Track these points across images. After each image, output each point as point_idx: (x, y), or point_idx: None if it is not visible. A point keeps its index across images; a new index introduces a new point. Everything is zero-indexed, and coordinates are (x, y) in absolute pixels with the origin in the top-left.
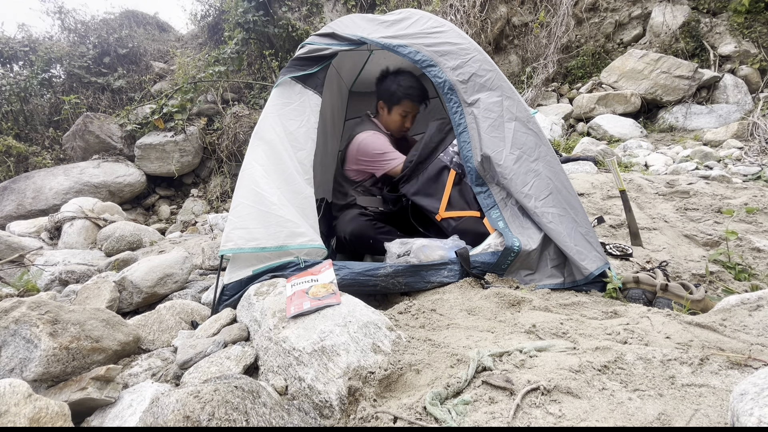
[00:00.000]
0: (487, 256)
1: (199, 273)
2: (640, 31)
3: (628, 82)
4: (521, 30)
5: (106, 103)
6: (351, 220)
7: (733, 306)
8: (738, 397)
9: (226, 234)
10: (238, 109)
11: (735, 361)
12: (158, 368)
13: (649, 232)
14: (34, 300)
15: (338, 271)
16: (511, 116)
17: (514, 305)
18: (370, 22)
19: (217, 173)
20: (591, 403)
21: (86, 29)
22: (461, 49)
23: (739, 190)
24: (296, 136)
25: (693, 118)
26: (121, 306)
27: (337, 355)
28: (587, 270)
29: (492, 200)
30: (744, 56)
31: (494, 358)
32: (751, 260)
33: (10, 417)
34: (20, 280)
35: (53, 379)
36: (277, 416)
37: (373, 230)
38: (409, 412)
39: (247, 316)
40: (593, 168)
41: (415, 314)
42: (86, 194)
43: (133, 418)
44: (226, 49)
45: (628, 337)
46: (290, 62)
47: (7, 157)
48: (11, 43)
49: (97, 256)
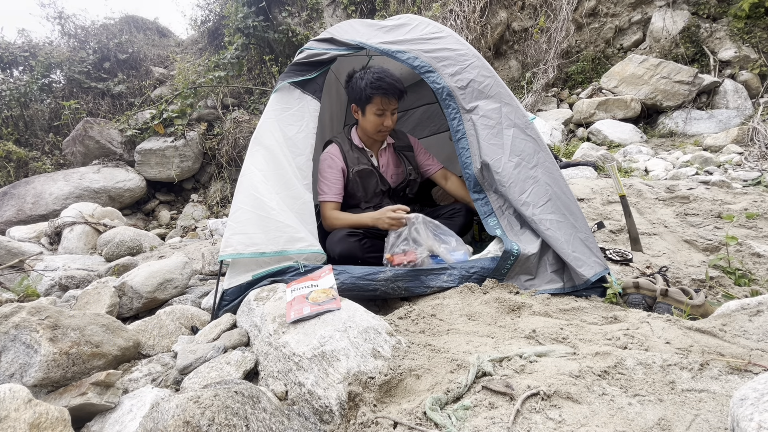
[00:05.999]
0: (486, 261)
1: (199, 278)
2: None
3: (628, 87)
4: (521, 35)
5: (106, 108)
6: (339, 241)
7: (733, 311)
8: (738, 402)
9: (226, 239)
10: (238, 114)
11: (735, 366)
12: (158, 373)
13: (649, 237)
14: (34, 305)
15: (338, 276)
16: (510, 123)
17: (514, 310)
18: (369, 27)
19: (217, 178)
20: (591, 408)
21: (86, 34)
22: (460, 55)
23: (739, 195)
24: (295, 141)
25: (693, 124)
26: (121, 311)
27: (337, 361)
28: (585, 276)
29: (489, 207)
30: (744, 61)
31: (494, 364)
32: (751, 265)
33: (10, 422)
34: (20, 286)
35: (53, 385)
36: (277, 421)
37: (361, 251)
38: (409, 418)
39: (247, 321)
40: (593, 173)
41: (415, 319)
42: (86, 199)
43: (133, 423)
44: (226, 55)
45: (628, 342)
46: (289, 67)
47: (7, 163)
48: (11, 48)
49: (97, 261)
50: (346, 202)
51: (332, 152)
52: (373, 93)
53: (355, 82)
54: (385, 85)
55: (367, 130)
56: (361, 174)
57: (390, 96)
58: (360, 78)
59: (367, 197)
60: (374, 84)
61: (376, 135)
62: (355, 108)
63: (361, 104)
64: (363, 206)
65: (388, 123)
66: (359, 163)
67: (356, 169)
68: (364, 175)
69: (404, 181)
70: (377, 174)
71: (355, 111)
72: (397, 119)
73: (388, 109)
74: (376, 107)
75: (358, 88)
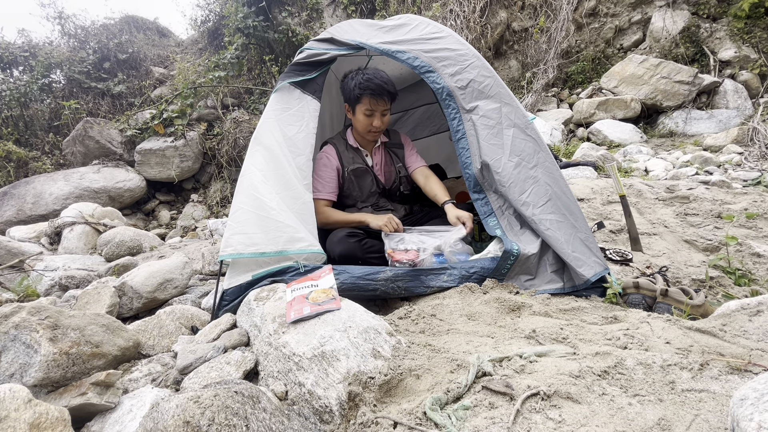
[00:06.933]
0: (486, 261)
1: (199, 278)
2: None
3: (628, 87)
4: (521, 35)
5: (106, 108)
6: (339, 241)
7: (733, 311)
8: (738, 402)
9: (226, 239)
10: (238, 114)
11: (735, 366)
12: (158, 373)
13: (649, 237)
14: (34, 305)
15: (338, 276)
16: (510, 123)
17: (514, 310)
18: (369, 27)
19: (217, 178)
20: (591, 408)
21: (86, 34)
22: (460, 55)
23: (739, 195)
24: (295, 141)
25: (693, 124)
26: (121, 311)
27: (337, 361)
28: (585, 276)
29: (489, 208)
30: (744, 61)
31: (494, 363)
32: (751, 265)
33: (10, 422)
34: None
35: (53, 385)
36: (277, 421)
37: (361, 251)
38: (409, 418)
39: (247, 321)
40: (593, 173)
41: (415, 319)
42: (86, 199)
43: (133, 423)
44: (226, 55)
45: (628, 342)
46: (289, 67)
47: (7, 163)
48: (11, 48)
49: (97, 261)
50: (343, 202)
51: (327, 152)
52: (362, 93)
53: (346, 82)
54: (373, 86)
55: (358, 129)
56: (356, 173)
57: (378, 97)
58: (351, 78)
59: (363, 197)
60: (363, 85)
61: (367, 135)
62: (348, 107)
63: (351, 104)
64: (359, 206)
65: (378, 123)
66: (354, 162)
67: (351, 168)
68: (359, 174)
69: (396, 179)
70: (372, 173)
71: (347, 110)
72: (397, 119)
73: (377, 110)
74: (365, 107)
75: (348, 88)
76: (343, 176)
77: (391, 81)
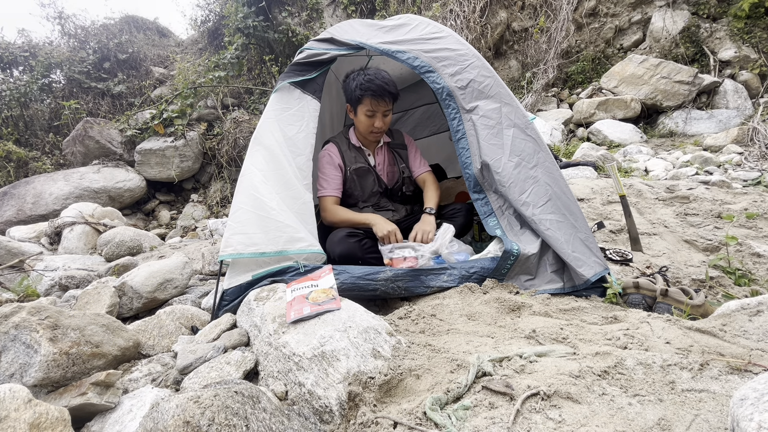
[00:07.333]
0: (486, 261)
1: (199, 278)
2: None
3: (628, 87)
4: (521, 35)
5: (106, 108)
6: (339, 241)
7: (733, 311)
8: (738, 402)
9: (226, 239)
10: (238, 114)
11: (735, 366)
12: (158, 373)
13: (649, 237)
14: (34, 305)
15: (338, 276)
16: (510, 123)
17: (514, 310)
18: (369, 27)
19: (217, 178)
20: (591, 408)
21: (86, 34)
22: (460, 55)
23: (739, 195)
24: (295, 141)
25: (693, 124)
26: (121, 311)
27: (337, 361)
28: (585, 276)
29: (489, 208)
30: (744, 61)
31: (494, 364)
32: (751, 265)
33: (10, 422)
34: (20, 286)
35: (53, 385)
36: (277, 421)
37: (361, 251)
38: (409, 418)
39: (247, 321)
40: (593, 173)
41: (415, 319)
42: (86, 199)
43: (133, 423)
44: (226, 55)
45: (628, 342)
46: (289, 67)
47: (7, 163)
48: (11, 48)
49: (97, 261)
50: (345, 202)
51: (330, 150)
52: (363, 94)
53: (348, 83)
54: (374, 86)
55: (360, 130)
56: (359, 172)
57: (379, 98)
58: (353, 79)
59: (365, 197)
60: (364, 85)
61: (369, 135)
62: (349, 108)
63: (353, 104)
64: (361, 205)
65: (379, 124)
66: (356, 161)
67: (353, 167)
68: (361, 174)
69: (399, 180)
70: (374, 173)
71: (349, 111)
72: (398, 119)
73: (378, 110)
74: (366, 108)
75: (349, 89)
76: (345, 175)
77: (392, 81)
